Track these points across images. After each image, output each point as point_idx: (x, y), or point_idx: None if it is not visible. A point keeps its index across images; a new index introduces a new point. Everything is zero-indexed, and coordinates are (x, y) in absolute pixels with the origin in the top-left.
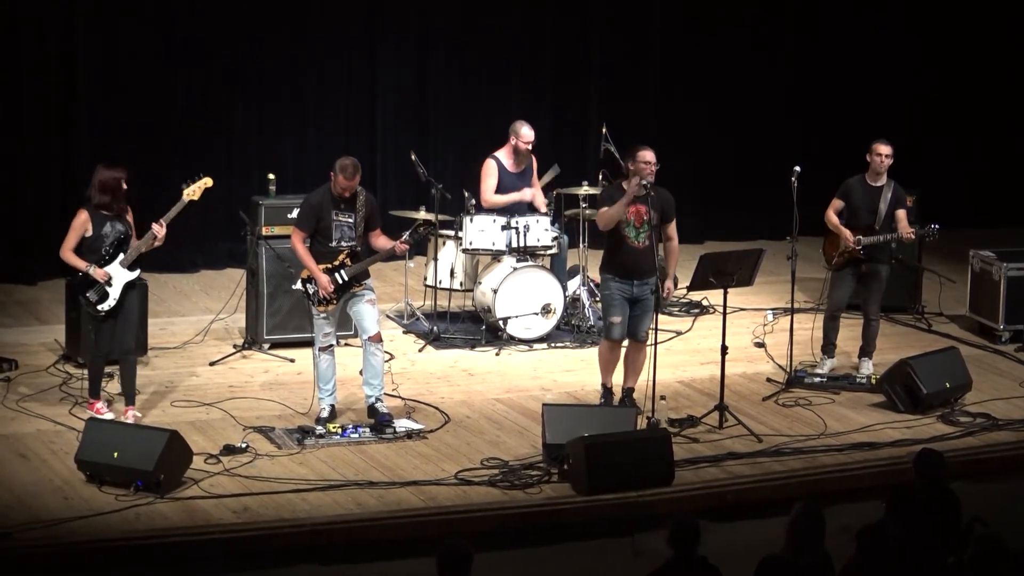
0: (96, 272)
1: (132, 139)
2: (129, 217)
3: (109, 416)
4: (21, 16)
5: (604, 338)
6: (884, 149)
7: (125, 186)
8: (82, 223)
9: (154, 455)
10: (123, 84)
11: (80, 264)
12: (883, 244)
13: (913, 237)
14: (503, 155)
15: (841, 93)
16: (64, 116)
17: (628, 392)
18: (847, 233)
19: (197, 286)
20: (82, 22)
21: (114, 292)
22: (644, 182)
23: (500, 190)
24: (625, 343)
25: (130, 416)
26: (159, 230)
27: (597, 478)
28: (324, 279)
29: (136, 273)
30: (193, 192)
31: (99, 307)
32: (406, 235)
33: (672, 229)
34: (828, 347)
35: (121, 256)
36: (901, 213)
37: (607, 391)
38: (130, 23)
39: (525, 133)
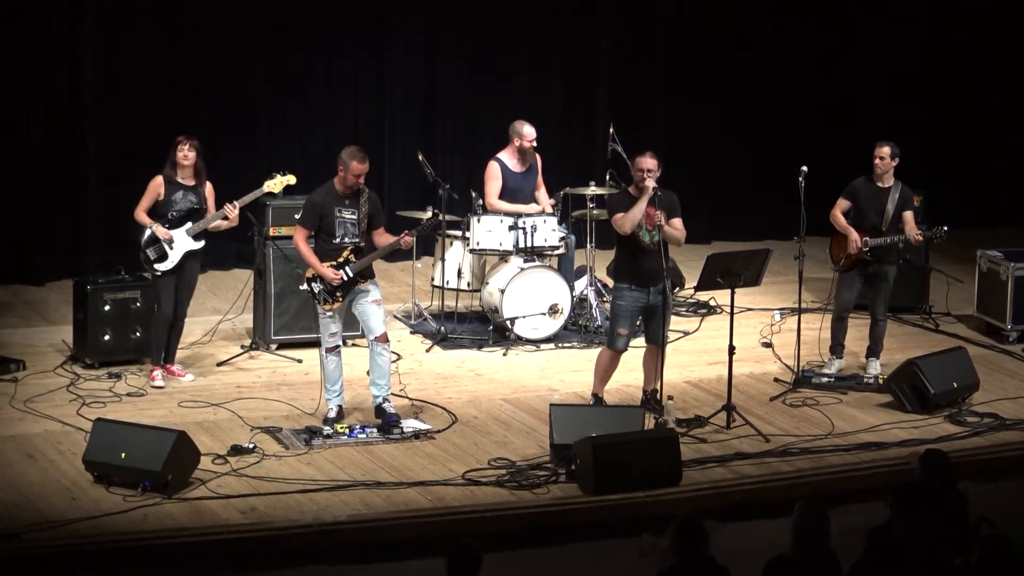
0: (159, 229)
1: (139, 140)
2: (207, 192)
3: (161, 383)
4: (27, 18)
5: (608, 347)
6: (880, 151)
7: (182, 153)
8: (153, 186)
9: (162, 455)
10: (130, 84)
11: (146, 221)
12: (890, 245)
13: (921, 239)
14: (506, 156)
15: (849, 93)
16: (71, 116)
17: (652, 394)
18: (855, 236)
19: (204, 287)
20: (89, 22)
21: (174, 255)
22: (655, 187)
23: (506, 191)
24: (635, 347)
25: (178, 371)
26: (230, 211)
27: (605, 478)
28: (329, 271)
29: (200, 244)
30: (274, 185)
31: (156, 266)
32: (412, 229)
33: (678, 222)
34: (836, 348)
35: (188, 225)
36: (908, 214)
37: (598, 400)
38: (138, 23)
39: (527, 132)
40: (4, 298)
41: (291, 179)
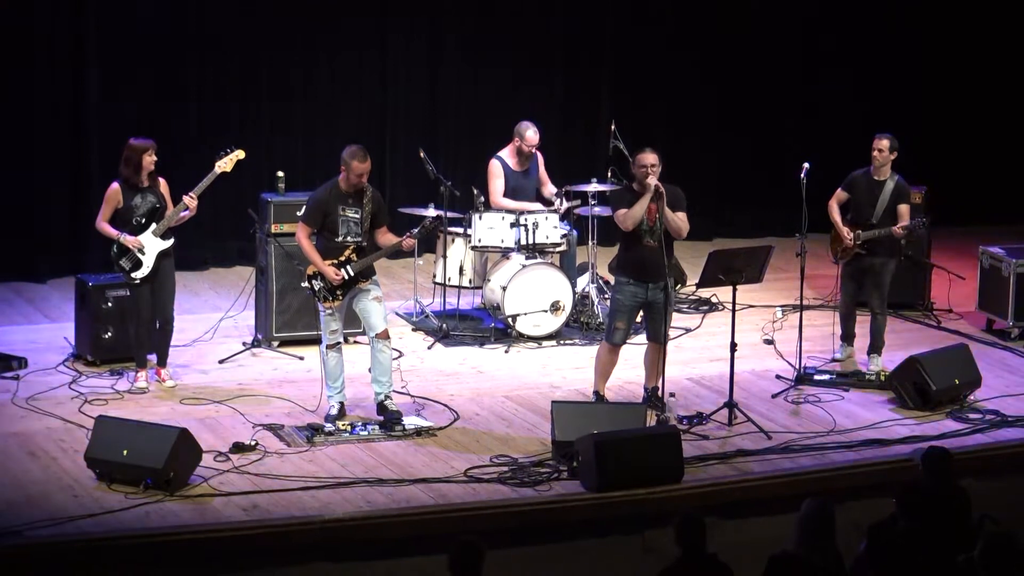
0: (128, 239)
1: (142, 137)
2: (163, 189)
3: (144, 384)
4: (31, 18)
5: (605, 340)
6: (879, 143)
7: (151, 159)
8: (113, 194)
9: (164, 452)
10: (133, 82)
11: (112, 233)
12: (881, 238)
13: (902, 232)
14: (507, 155)
15: (851, 89)
16: (74, 114)
17: (653, 391)
18: (844, 231)
19: (206, 284)
20: (92, 20)
21: (148, 260)
22: (658, 184)
23: (507, 189)
24: (637, 344)
25: (164, 376)
26: (190, 201)
27: (606, 475)
28: (331, 270)
29: (170, 242)
30: (225, 164)
31: (133, 275)
32: (414, 231)
33: (682, 215)
34: (847, 336)
35: (154, 226)
36: (903, 208)
37: (599, 399)
38: (141, 20)
39: (530, 137)
40: (6, 295)
41: (240, 154)
